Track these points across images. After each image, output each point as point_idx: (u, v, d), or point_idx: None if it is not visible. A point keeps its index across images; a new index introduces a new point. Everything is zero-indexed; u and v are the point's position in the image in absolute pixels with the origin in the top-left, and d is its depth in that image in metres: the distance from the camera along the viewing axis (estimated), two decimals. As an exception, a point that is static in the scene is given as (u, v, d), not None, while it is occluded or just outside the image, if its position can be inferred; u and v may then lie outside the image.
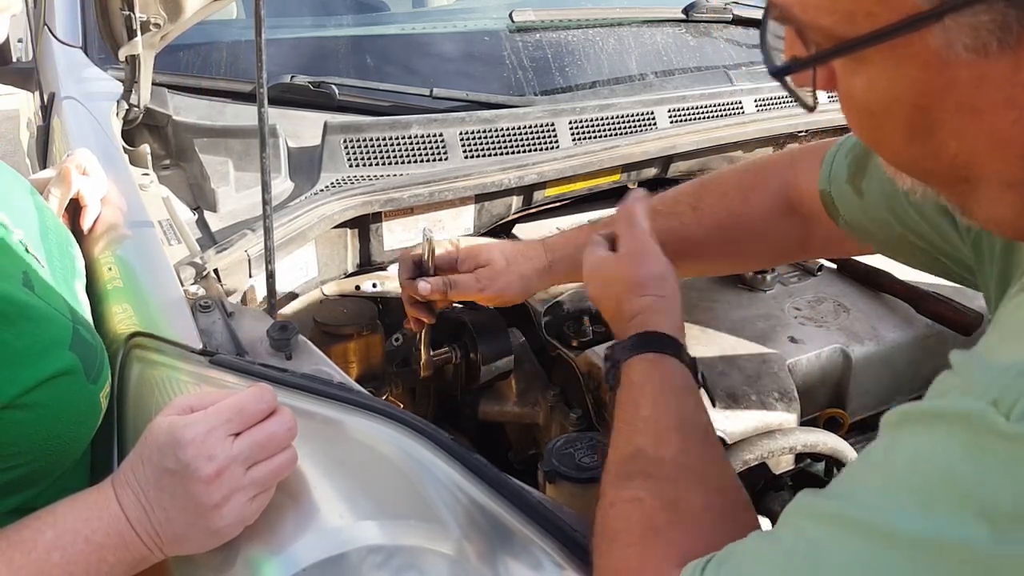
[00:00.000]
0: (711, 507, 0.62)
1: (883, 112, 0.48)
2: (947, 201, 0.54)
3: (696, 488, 0.63)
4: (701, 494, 0.63)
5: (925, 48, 0.44)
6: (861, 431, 1.18)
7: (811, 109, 0.55)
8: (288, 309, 1.19)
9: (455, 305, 1.28)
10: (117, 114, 1.24)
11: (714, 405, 0.98)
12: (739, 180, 0.98)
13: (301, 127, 1.32)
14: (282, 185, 1.22)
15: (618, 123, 1.43)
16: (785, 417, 0.99)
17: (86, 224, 1.03)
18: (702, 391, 0.82)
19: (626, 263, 0.83)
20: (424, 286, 1.00)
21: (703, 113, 1.51)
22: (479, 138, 1.32)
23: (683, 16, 1.74)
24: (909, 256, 0.84)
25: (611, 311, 0.83)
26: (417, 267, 1.02)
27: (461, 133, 1.31)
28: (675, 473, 0.64)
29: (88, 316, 0.86)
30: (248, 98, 1.36)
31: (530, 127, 1.36)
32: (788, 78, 0.53)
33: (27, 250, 0.77)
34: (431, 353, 1.11)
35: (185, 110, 1.30)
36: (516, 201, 1.38)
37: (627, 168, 1.44)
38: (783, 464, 1.01)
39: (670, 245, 0.87)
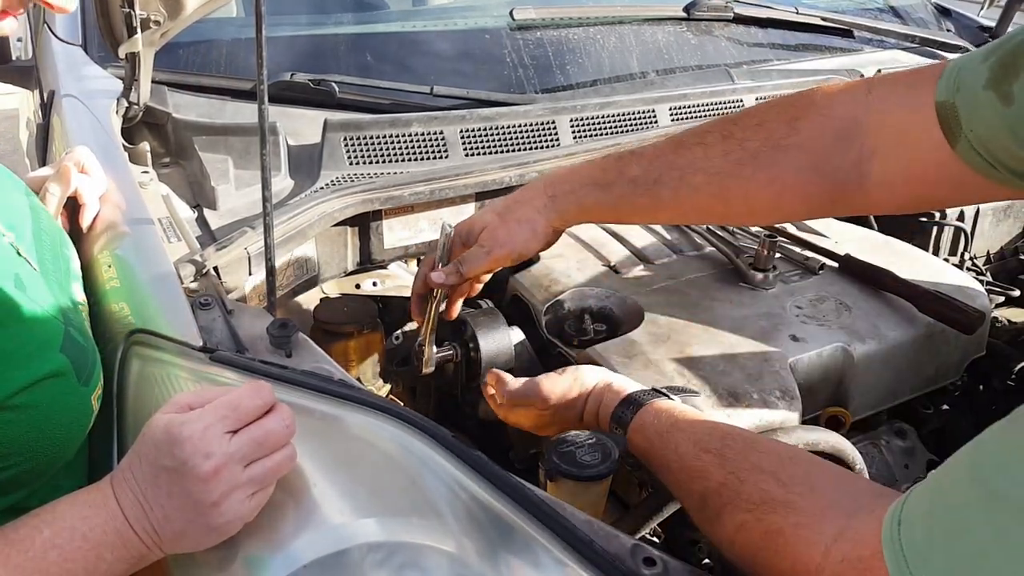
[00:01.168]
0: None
1: None
2: None
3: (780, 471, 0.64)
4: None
5: None
6: (862, 430, 1.18)
7: None
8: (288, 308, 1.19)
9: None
10: (117, 112, 1.24)
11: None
12: (786, 106, 0.84)
13: (301, 125, 1.32)
14: (282, 183, 1.22)
15: (619, 121, 1.43)
16: (786, 416, 0.98)
17: (85, 222, 1.03)
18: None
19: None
20: (437, 275, 0.98)
21: (704, 111, 1.51)
22: (480, 136, 1.32)
23: (684, 14, 1.74)
24: None
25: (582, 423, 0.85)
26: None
27: (462, 131, 1.31)
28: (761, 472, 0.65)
29: (85, 317, 0.86)
30: (248, 96, 1.36)
31: (531, 125, 1.36)
32: None
33: (18, 253, 0.77)
34: (434, 350, 1.11)
35: (185, 108, 1.30)
36: (517, 199, 1.38)
37: (628, 166, 1.44)
38: (785, 463, 1.00)
39: (692, 180, 0.79)
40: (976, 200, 1.31)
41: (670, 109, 1.47)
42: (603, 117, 1.42)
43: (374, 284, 1.30)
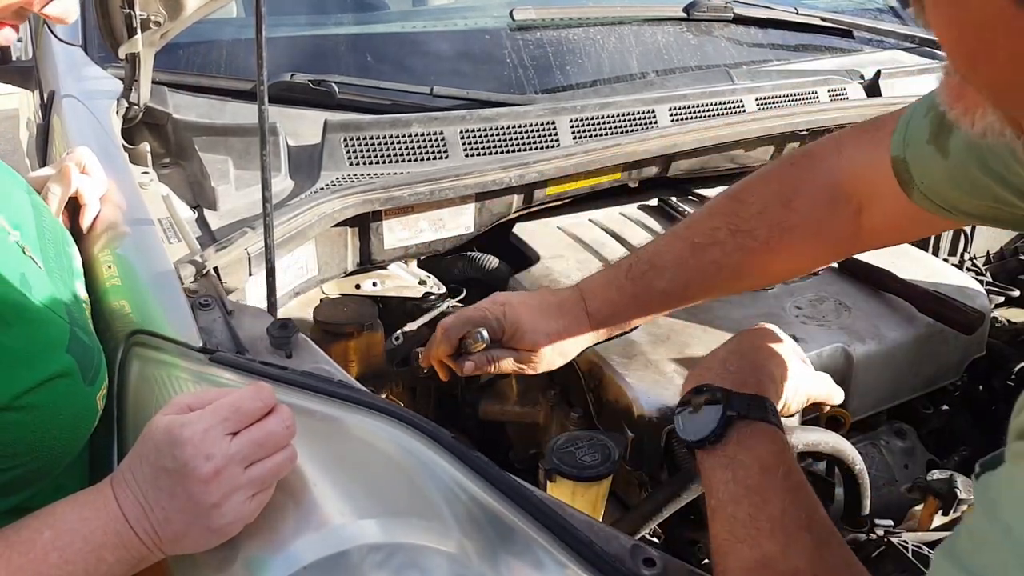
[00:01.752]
0: None
1: (1002, 28, 0.38)
2: None
3: None
4: None
5: None
6: (862, 430, 1.18)
7: (906, 5, 0.45)
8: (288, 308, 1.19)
9: (456, 304, 1.28)
10: (117, 112, 1.24)
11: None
12: (777, 187, 0.91)
13: (301, 125, 1.32)
14: (282, 183, 1.22)
15: (619, 122, 1.43)
16: (786, 416, 0.99)
17: (85, 223, 1.03)
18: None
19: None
20: (469, 366, 0.96)
21: (704, 112, 1.51)
22: (480, 136, 1.32)
23: (684, 15, 1.74)
24: (994, 218, 0.78)
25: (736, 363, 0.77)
26: (458, 348, 0.98)
27: (461, 131, 1.31)
28: None
29: (88, 316, 0.86)
30: (248, 96, 1.36)
31: (531, 125, 1.36)
32: None
33: (24, 251, 0.77)
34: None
35: (185, 108, 1.30)
36: (517, 200, 1.38)
37: (628, 167, 1.44)
38: (784, 463, 1.00)
39: (718, 276, 0.86)
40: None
41: (670, 110, 1.47)
42: (603, 117, 1.42)
43: (374, 284, 1.30)
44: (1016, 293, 1.44)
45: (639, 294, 0.94)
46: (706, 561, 0.94)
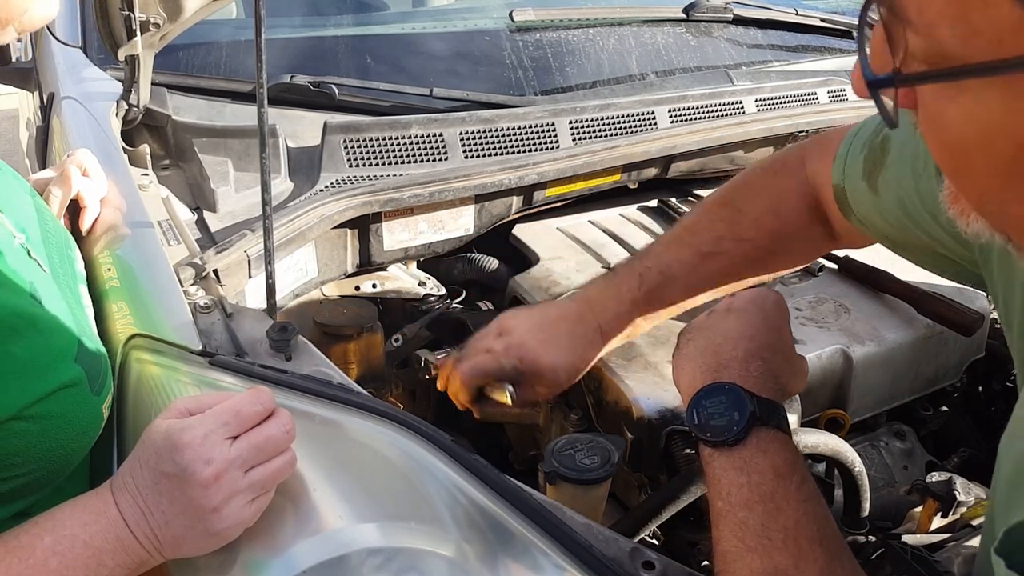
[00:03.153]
0: None
1: (980, 148, 0.42)
2: (1017, 248, 0.48)
3: None
4: None
5: None
6: (862, 432, 1.18)
7: (894, 126, 0.46)
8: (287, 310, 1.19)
9: (456, 306, 1.28)
10: (116, 114, 1.24)
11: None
12: (766, 198, 0.95)
13: (301, 127, 1.32)
14: (282, 185, 1.22)
15: (618, 123, 1.43)
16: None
17: (85, 225, 1.03)
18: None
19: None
20: (488, 412, 0.98)
21: (704, 113, 1.51)
22: (479, 138, 1.32)
23: (683, 16, 1.74)
24: (920, 256, 0.83)
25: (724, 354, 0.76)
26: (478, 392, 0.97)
27: (461, 133, 1.31)
28: None
29: (92, 321, 0.86)
30: (248, 98, 1.36)
31: (530, 127, 1.36)
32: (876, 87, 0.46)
33: (29, 254, 0.77)
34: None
35: (184, 110, 1.30)
36: (516, 201, 1.38)
37: (628, 168, 1.44)
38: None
39: (724, 282, 0.90)
40: None
41: (669, 111, 1.47)
42: (603, 119, 1.42)
43: (374, 286, 1.30)
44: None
45: (651, 306, 0.96)
46: (706, 563, 0.94)
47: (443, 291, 1.33)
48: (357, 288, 1.29)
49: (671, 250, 0.96)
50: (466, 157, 1.31)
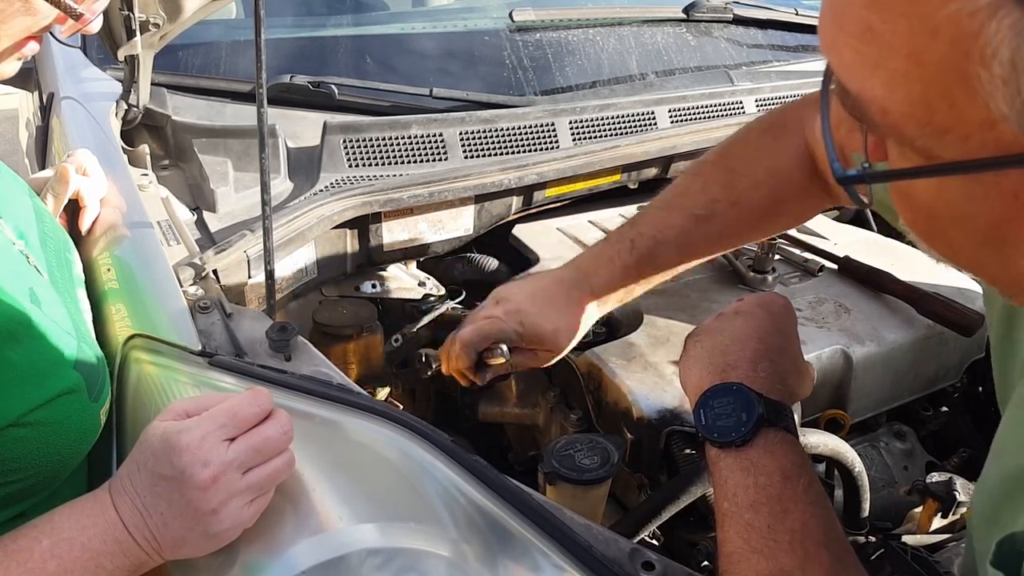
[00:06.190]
0: None
1: (951, 222, 0.43)
2: (999, 291, 0.49)
3: None
4: None
5: (1021, 181, 0.39)
6: (862, 432, 1.18)
7: (866, 207, 0.47)
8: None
9: (456, 306, 1.28)
10: (116, 114, 1.24)
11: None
12: (764, 159, 0.94)
13: (300, 127, 1.32)
14: (281, 185, 1.22)
15: (618, 123, 1.43)
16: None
17: (84, 225, 1.03)
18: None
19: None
20: (489, 377, 0.96)
21: (704, 113, 1.51)
22: (479, 138, 1.32)
23: (684, 16, 1.74)
24: None
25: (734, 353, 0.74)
26: (477, 359, 0.95)
27: (461, 133, 1.31)
28: None
29: (90, 323, 0.86)
30: (247, 98, 1.36)
31: (530, 127, 1.36)
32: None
33: (28, 260, 0.76)
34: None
35: (184, 110, 1.30)
36: (516, 201, 1.38)
37: (627, 168, 1.44)
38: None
39: (720, 245, 0.90)
40: None
41: (669, 111, 1.47)
42: (602, 119, 1.42)
43: (373, 286, 1.30)
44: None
45: (644, 270, 0.95)
46: (705, 564, 0.94)
47: (443, 291, 1.33)
48: (357, 288, 1.29)
49: (663, 214, 0.95)
50: (466, 157, 1.31)
